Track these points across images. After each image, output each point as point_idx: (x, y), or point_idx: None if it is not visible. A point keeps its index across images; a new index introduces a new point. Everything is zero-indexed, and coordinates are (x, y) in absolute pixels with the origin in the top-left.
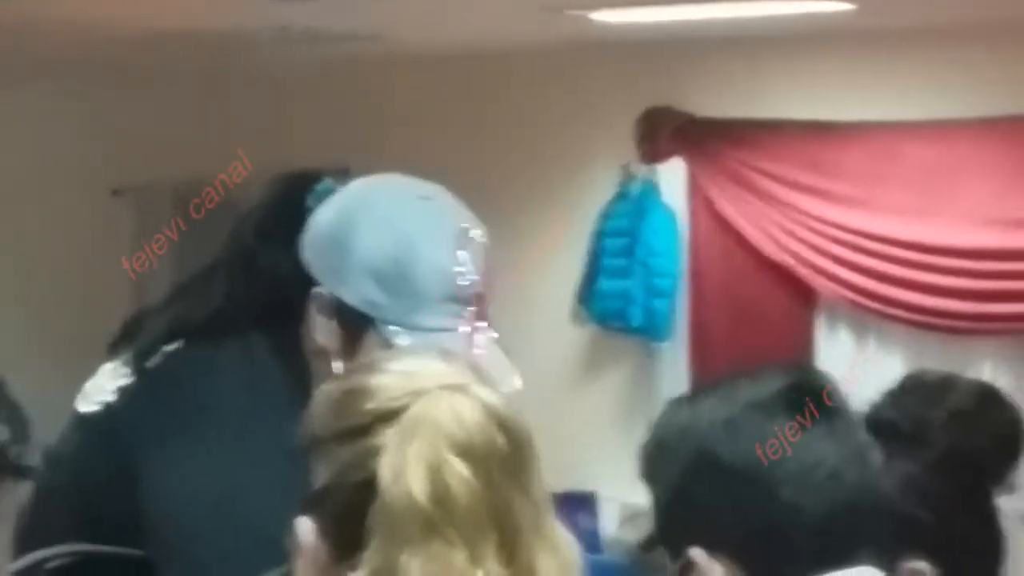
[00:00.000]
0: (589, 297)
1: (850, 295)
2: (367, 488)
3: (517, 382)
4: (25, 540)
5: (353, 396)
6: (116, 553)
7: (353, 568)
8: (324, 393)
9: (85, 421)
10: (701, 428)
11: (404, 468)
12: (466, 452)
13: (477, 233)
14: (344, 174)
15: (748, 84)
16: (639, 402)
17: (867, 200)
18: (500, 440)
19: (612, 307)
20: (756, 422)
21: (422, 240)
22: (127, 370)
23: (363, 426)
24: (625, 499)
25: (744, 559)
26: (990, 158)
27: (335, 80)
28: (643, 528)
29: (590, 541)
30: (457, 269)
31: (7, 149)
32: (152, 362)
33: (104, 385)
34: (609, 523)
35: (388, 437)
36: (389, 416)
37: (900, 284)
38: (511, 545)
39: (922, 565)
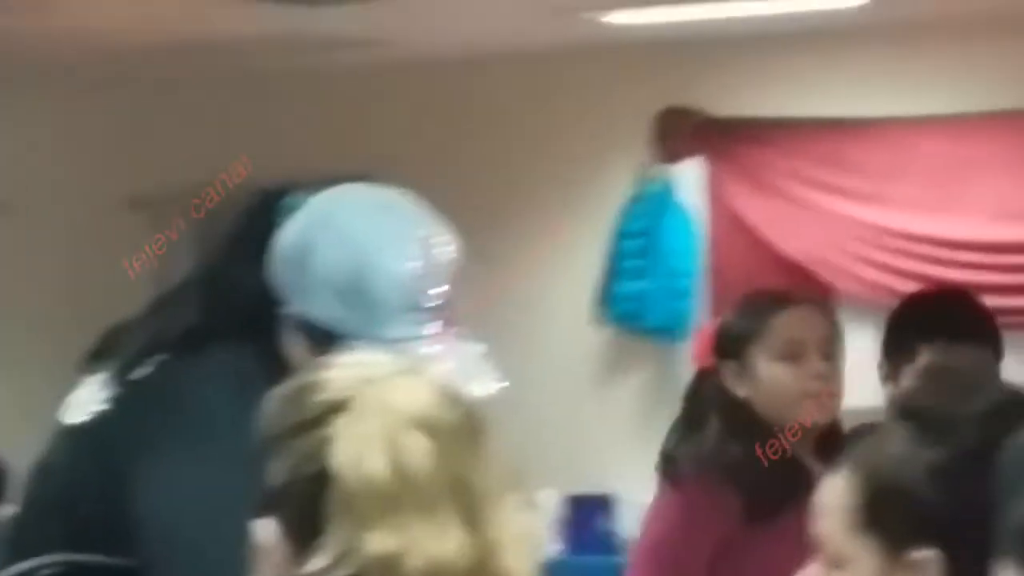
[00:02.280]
0: (608, 299)
1: (870, 292)
2: (322, 478)
3: (494, 386)
4: (15, 551)
5: (304, 390)
6: (105, 562)
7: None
8: (277, 392)
9: (74, 431)
10: None
11: (359, 449)
12: (421, 425)
13: (441, 240)
14: (316, 186)
15: (763, 82)
16: (658, 404)
17: (884, 196)
18: (454, 414)
19: (631, 308)
20: None
21: (379, 252)
22: (112, 383)
23: (315, 418)
24: (644, 501)
25: None
26: (1006, 152)
27: (346, 86)
28: None
29: (608, 542)
30: (418, 279)
31: (14, 157)
32: (137, 374)
33: (90, 397)
34: (629, 524)
35: (339, 425)
36: (340, 406)
37: (920, 280)
38: (473, 516)
39: (930, 554)
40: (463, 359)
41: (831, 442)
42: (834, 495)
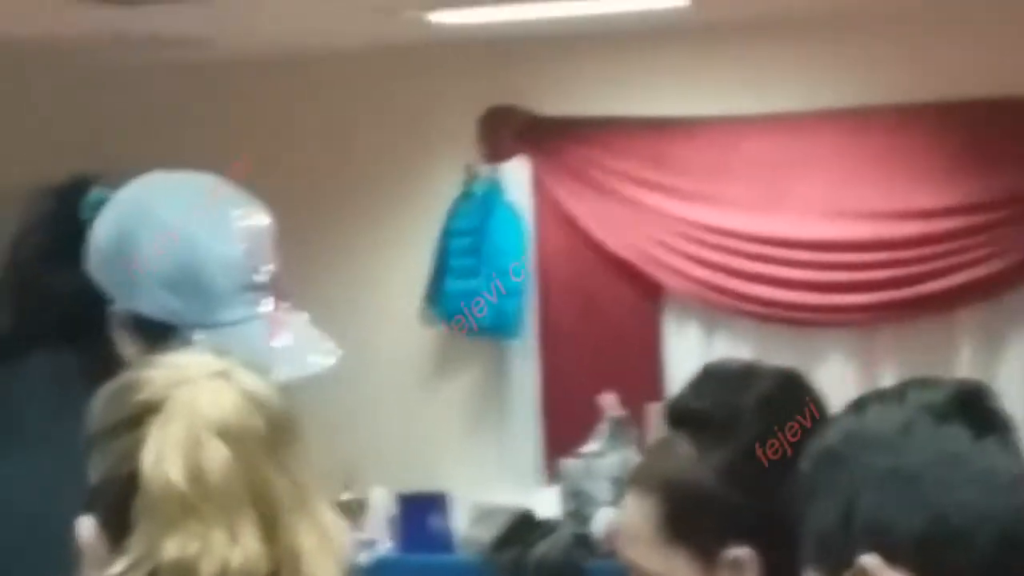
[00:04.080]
0: (437, 297)
1: (696, 290)
2: (134, 480)
3: (330, 358)
4: None
5: (123, 390)
6: None
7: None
8: (103, 390)
9: None
10: (873, 434)
11: (162, 452)
12: (221, 432)
13: (259, 217)
14: (115, 180)
15: (587, 82)
16: (491, 401)
17: (710, 194)
18: (258, 421)
19: (460, 307)
20: (931, 426)
21: (204, 238)
22: None
23: (131, 418)
24: (477, 498)
25: (921, 566)
26: (828, 150)
27: (170, 85)
28: (494, 527)
29: (442, 540)
30: (246, 258)
31: None
32: None
33: None
34: (461, 522)
35: (151, 426)
36: (155, 407)
37: (746, 277)
38: (271, 524)
39: (743, 551)
40: (300, 332)
41: None
42: (635, 518)
